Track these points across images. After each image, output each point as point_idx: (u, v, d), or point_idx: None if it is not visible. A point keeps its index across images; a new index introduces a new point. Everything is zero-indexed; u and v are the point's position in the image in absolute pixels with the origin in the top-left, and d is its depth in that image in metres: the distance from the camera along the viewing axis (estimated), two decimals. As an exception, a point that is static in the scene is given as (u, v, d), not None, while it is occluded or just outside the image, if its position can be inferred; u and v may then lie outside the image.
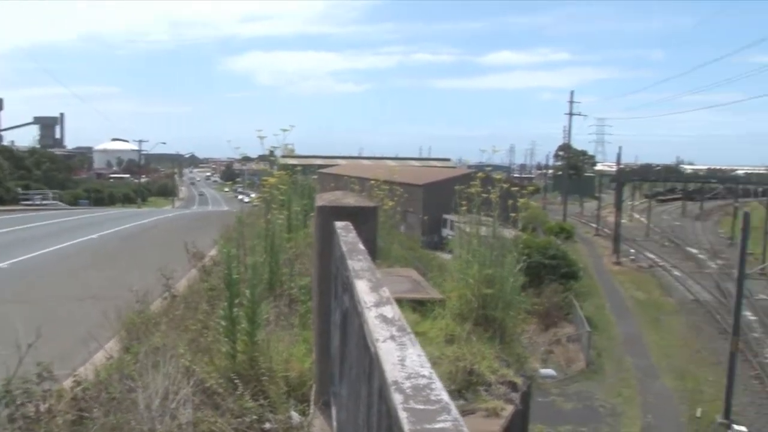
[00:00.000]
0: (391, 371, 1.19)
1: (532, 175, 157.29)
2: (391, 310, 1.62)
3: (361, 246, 2.68)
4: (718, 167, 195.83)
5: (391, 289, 6.68)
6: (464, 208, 6.10)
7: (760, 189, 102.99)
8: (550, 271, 39.08)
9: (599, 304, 42.19)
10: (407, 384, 1.14)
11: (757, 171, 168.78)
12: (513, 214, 6.28)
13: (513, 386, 5.32)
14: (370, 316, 1.58)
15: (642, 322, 39.34)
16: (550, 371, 30.00)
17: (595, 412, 27.33)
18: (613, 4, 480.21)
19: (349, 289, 2.28)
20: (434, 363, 5.18)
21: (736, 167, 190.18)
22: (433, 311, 5.85)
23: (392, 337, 1.38)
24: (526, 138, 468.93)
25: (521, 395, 5.30)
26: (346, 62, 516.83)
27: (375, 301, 1.73)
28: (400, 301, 6.14)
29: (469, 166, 63.57)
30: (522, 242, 6.95)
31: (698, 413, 27.14)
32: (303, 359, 5.04)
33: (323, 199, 4.05)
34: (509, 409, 4.98)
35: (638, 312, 41.39)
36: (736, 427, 25.23)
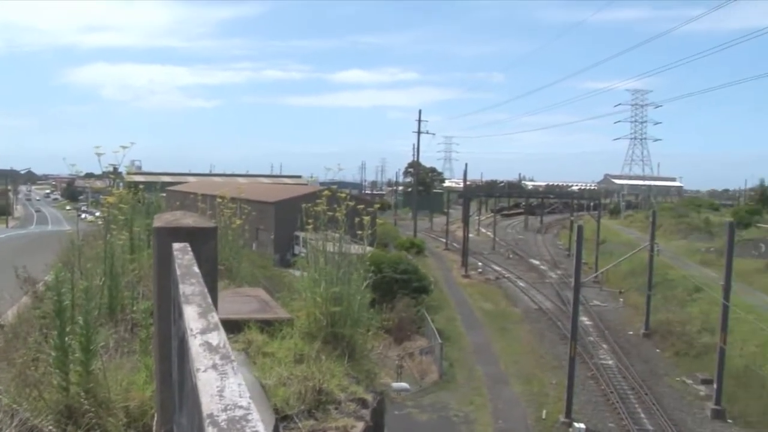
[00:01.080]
0: (208, 404, 1.14)
1: (383, 192, 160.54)
2: (217, 337, 1.56)
3: (196, 269, 2.58)
4: (555, 183, 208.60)
5: (238, 310, 6.51)
6: (310, 226, 6.09)
7: (591, 203, 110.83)
8: (402, 286, 39.91)
9: (450, 316, 43.54)
10: (223, 417, 1.09)
11: (588, 187, 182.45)
12: (359, 232, 6.33)
13: (363, 403, 5.33)
14: (195, 344, 1.50)
15: (491, 331, 41.02)
16: (403, 385, 30.54)
17: (450, 421, 28.16)
18: (457, 28, 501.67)
19: (182, 314, 2.18)
20: (283, 383, 5.11)
21: (571, 183, 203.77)
22: (282, 331, 5.77)
23: (214, 366, 1.32)
24: (377, 155, 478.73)
25: (372, 411, 5.32)
26: (196, 77, 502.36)
27: (202, 327, 1.65)
28: (247, 322, 6.03)
29: (321, 183, 63.88)
30: (372, 258, 7.04)
31: (543, 415, 28.71)
32: (144, 387, 4.78)
33: (161, 219, 3.88)
34: (360, 426, 4.99)
35: (487, 322, 43.12)
36: (576, 424, 26.94)
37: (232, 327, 5.69)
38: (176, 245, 3.32)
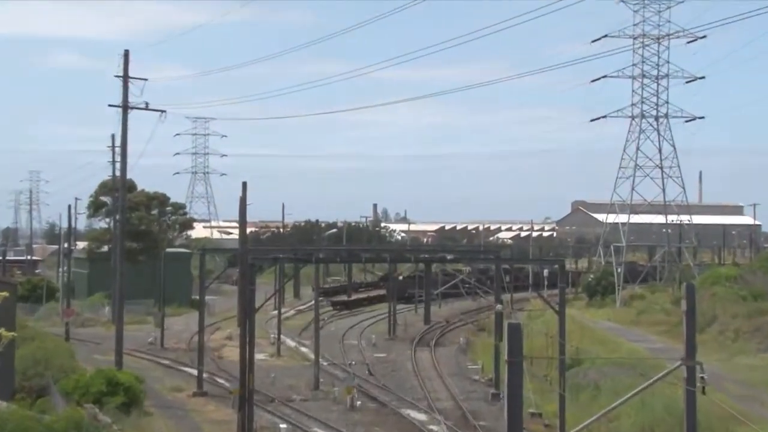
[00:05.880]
0: None
1: (37, 257, 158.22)
2: None
3: None
4: (461, 226, 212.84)
5: None
6: None
7: (545, 271, 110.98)
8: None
9: None
10: None
11: (537, 233, 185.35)
12: None
13: None
14: None
15: None
16: None
17: None
18: None
19: None
20: None
21: (496, 224, 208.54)
22: None
23: None
24: (22, 165, 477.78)
25: None
26: None
27: None
28: None
29: None
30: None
31: None
32: None
33: None
34: None
35: None
36: None
37: None
38: None
